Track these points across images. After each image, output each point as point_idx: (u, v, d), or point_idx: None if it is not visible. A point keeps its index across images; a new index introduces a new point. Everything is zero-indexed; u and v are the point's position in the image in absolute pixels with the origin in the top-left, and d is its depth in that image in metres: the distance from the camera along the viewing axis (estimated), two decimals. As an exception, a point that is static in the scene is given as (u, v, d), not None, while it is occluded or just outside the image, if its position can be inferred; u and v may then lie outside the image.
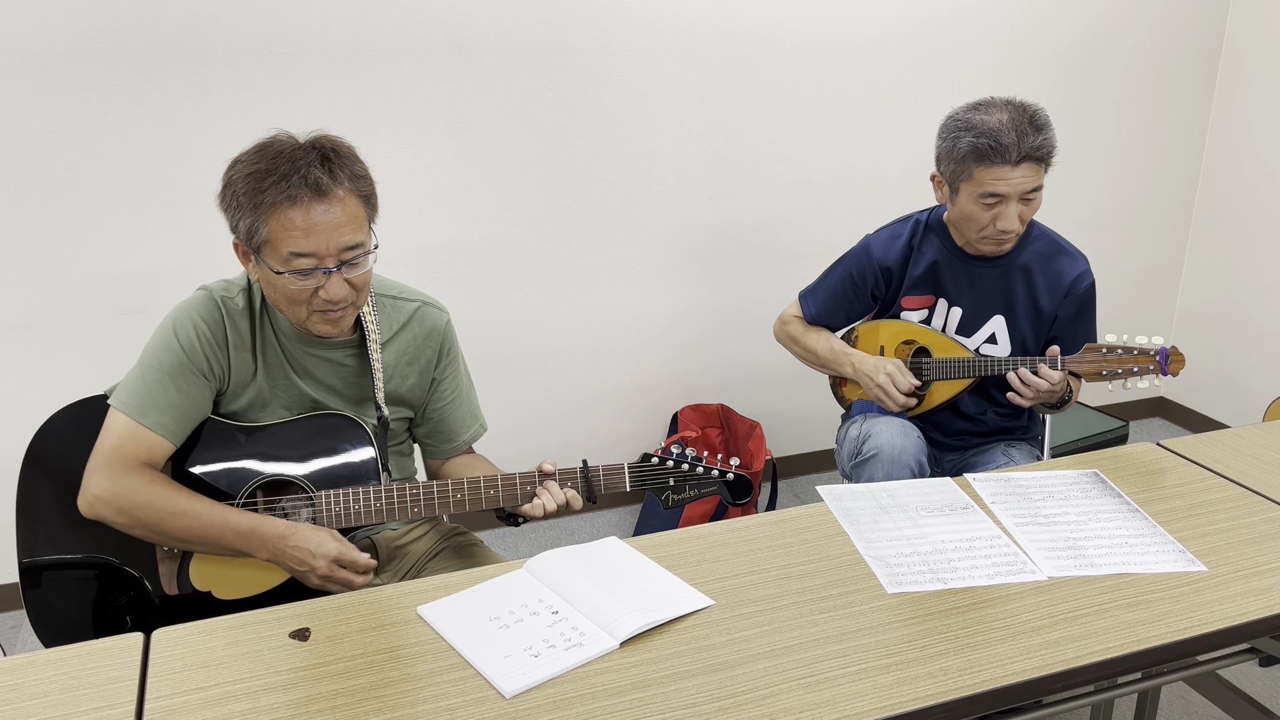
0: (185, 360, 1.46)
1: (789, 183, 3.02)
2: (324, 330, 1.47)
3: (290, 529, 1.42)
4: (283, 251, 1.37)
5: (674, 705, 1.08)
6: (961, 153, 1.81)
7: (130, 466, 1.41)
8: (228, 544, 1.42)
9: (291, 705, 1.08)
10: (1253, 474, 1.64)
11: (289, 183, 1.34)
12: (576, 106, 2.73)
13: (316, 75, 2.49)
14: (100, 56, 2.33)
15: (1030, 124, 1.78)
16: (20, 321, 2.44)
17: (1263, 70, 3.28)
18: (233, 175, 1.39)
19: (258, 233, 1.37)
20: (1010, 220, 1.83)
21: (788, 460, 3.33)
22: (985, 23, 3.06)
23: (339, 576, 1.42)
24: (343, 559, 1.42)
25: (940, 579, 1.33)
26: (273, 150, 1.37)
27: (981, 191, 1.82)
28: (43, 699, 1.09)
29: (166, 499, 1.40)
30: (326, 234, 1.37)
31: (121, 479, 1.40)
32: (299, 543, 1.41)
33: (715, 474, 1.54)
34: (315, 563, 1.41)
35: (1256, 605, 1.26)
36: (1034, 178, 1.80)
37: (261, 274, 1.43)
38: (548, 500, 1.48)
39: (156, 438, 1.44)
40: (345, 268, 1.41)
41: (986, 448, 2.09)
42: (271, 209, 1.35)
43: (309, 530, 1.42)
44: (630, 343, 3.02)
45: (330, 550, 1.41)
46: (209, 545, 1.43)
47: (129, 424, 1.43)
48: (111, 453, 1.42)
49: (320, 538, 1.42)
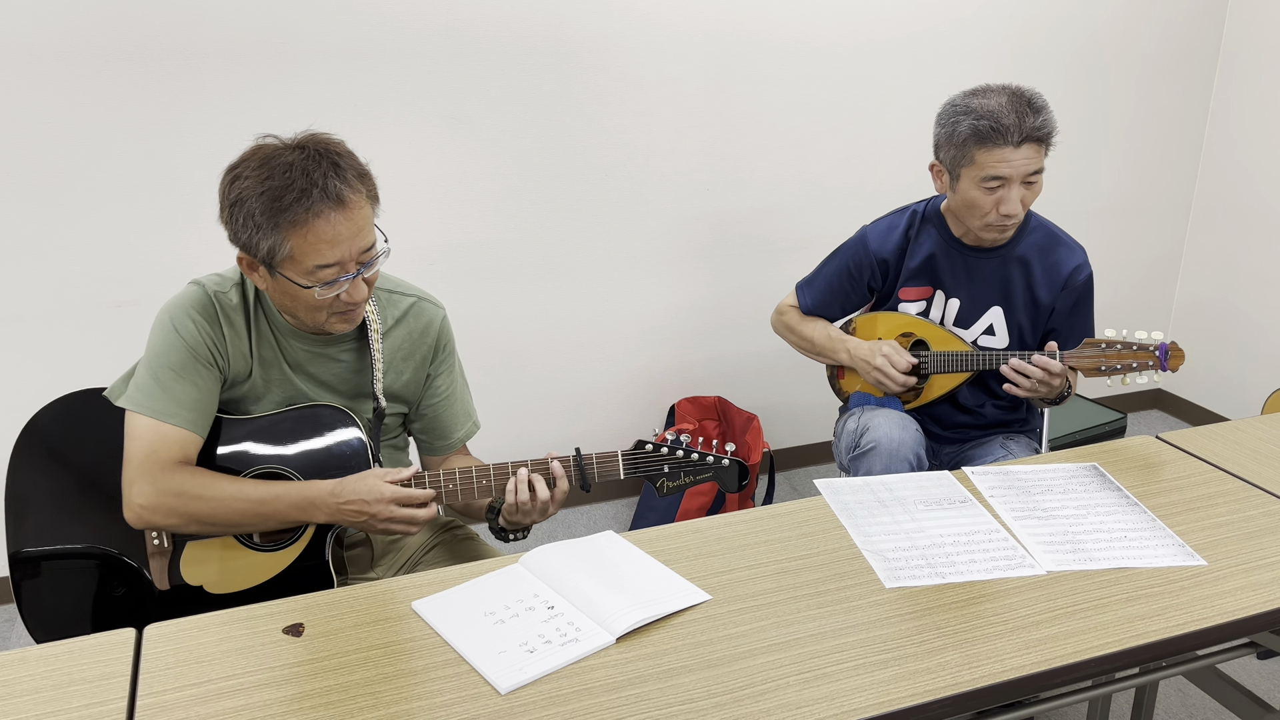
0: (191, 352, 1.45)
1: (787, 174, 3.00)
2: (340, 329, 1.47)
3: (338, 485, 1.42)
4: (308, 265, 1.36)
5: (670, 701, 1.07)
6: (962, 137, 1.80)
7: (167, 467, 1.41)
8: (283, 517, 1.42)
9: (285, 701, 1.08)
10: (1252, 467, 1.63)
11: (310, 198, 1.32)
12: (573, 99, 2.72)
13: (311, 69, 2.47)
14: (94, 49, 2.31)
15: (1029, 105, 1.77)
16: (13, 314, 2.43)
17: (1262, 62, 3.27)
18: (241, 194, 1.35)
19: (279, 250, 1.35)
20: (1013, 204, 1.81)
21: (785, 453, 3.32)
22: (983, 14, 3.04)
23: (400, 516, 1.42)
24: (398, 498, 1.42)
25: (938, 573, 1.32)
26: (278, 163, 1.34)
27: (984, 175, 1.80)
28: (34, 695, 1.09)
29: (213, 489, 1.40)
30: (349, 242, 1.37)
31: (164, 482, 1.40)
32: (351, 495, 1.41)
33: (710, 460, 1.52)
34: (374, 509, 1.41)
35: (1256, 599, 1.26)
36: (1035, 159, 1.79)
37: (278, 286, 1.41)
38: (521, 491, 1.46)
39: (185, 433, 1.43)
40: (364, 269, 1.41)
41: (985, 441, 2.08)
42: (294, 226, 1.33)
43: (357, 480, 1.42)
44: (627, 335, 3.01)
45: (385, 493, 1.41)
46: (266, 522, 1.43)
47: (155, 426, 1.42)
48: (147, 460, 1.41)
49: (370, 484, 1.41)
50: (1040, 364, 1.82)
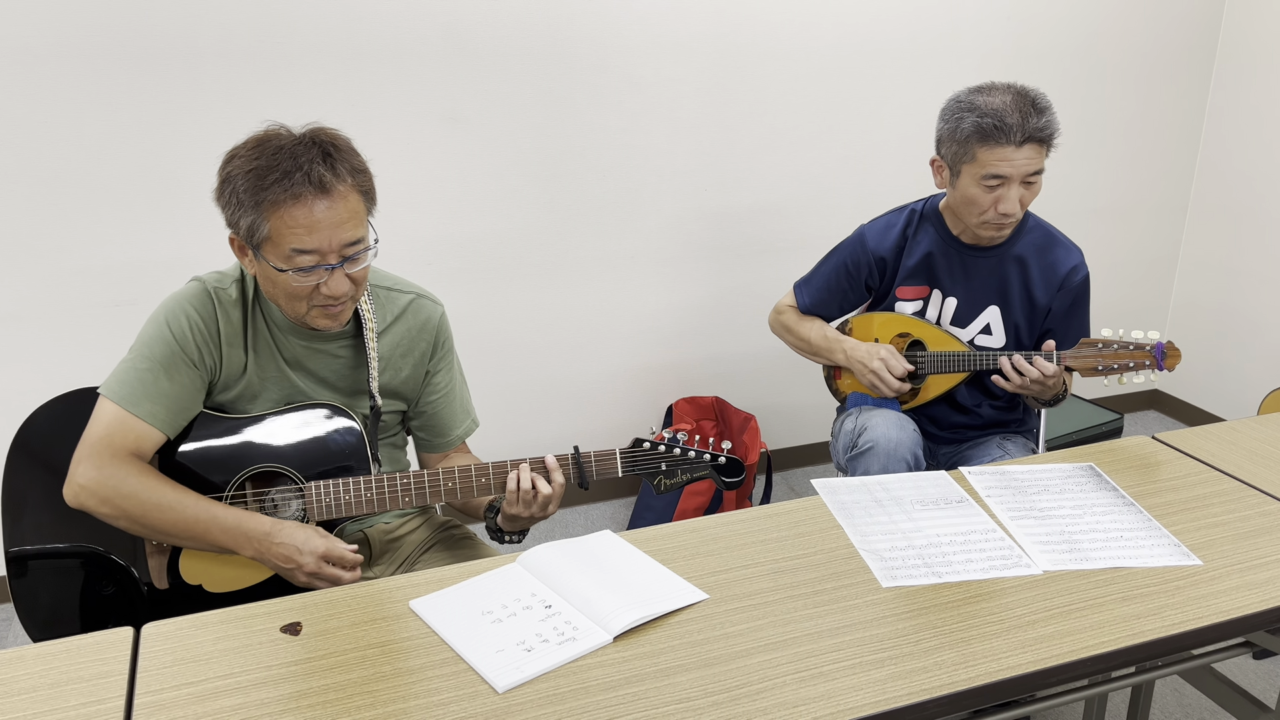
0: (177, 350, 1.44)
1: (784, 174, 3.01)
2: (323, 324, 1.46)
3: (276, 526, 1.40)
4: (285, 249, 1.36)
5: (667, 700, 1.08)
6: (964, 133, 1.81)
7: (118, 456, 1.40)
8: (212, 540, 1.41)
9: (282, 700, 1.08)
10: (1248, 467, 1.63)
11: (292, 180, 1.32)
12: (571, 98, 2.72)
13: (309, 68, 2.47)
14: (92, 48, 2.30)
15: (1033, 106, 1.79)
16: (10, 312, 2.43)
17: (1259, 61, 3.28)
18: (231, 171, 1.37)
19: (259, 230, 1.36)
20: (1011, 203, 1.82)
21: (782, 453, 3.33)
22: (981, 14, 3.05)
23: (326, 574, 1.41)
24: (330, 555, 1.41)
25: (935, 573, 1.32)
26: (271, 145, 1.35)
27: (984, 173, 1.81)
28: (31, 694, 1.08)
29: (153, 491, 1.39)
30: (329, 231, 1.36)
31: (109, 469, 1.39)
32: (285, 540, 1.40)
33: (706, 458, 1.53)
34: (302, 559, 1.40)
35: (1252, 599, 1.26)
36: (1036, 159, 1.80)
37: (261, 270, 1.41)
38: (523, 479, 1.46)
39: (146, 427, 1.42)
40: (346, 263, 1.40)
41: (981, 441, 2.08)
42: (274, 206, 1.34)
43: (295, 527, 1.41)
44: (625, 335, 3.01)
45: (317, 547, 1.40)
46: (194, 540, 1.42)
47: (119, 413, 1.42)
48: (99, 442, 1.40)
49: (306, 534, 1.41)
50: (1039, 366, 1.82)
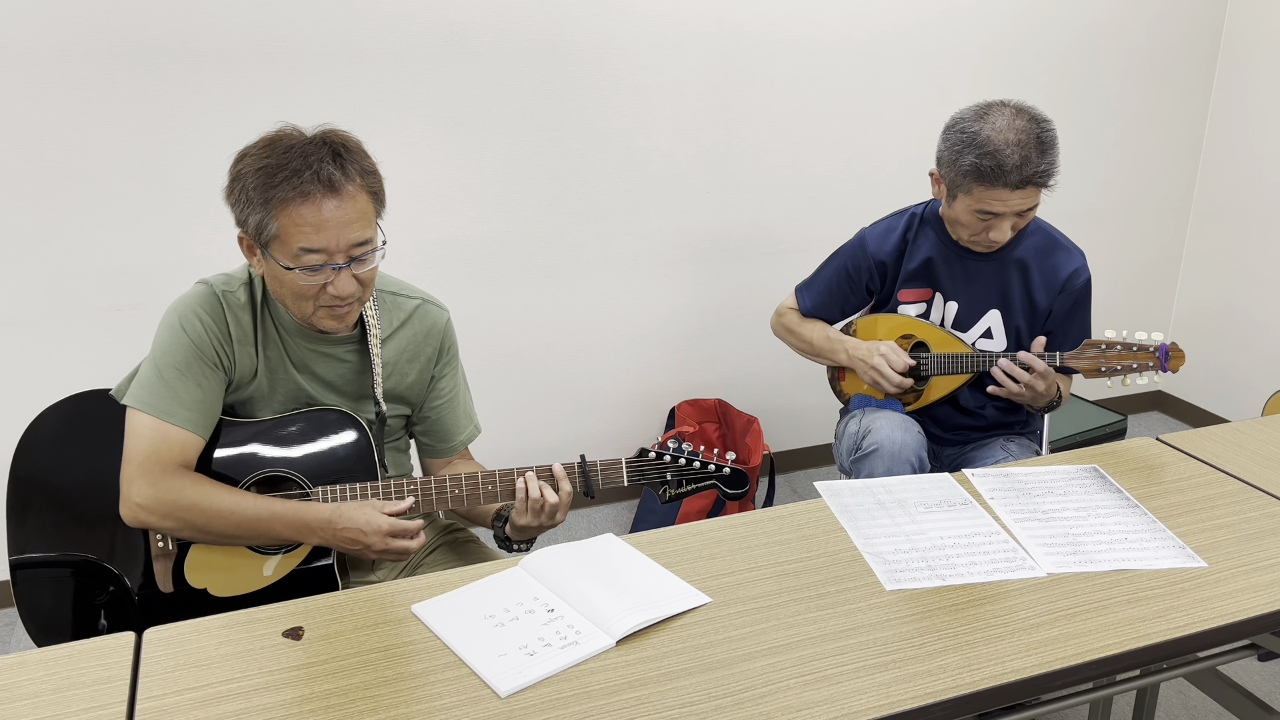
0: (197, 353, 1.45)
1: (786, 177, 3.00)
2: (329, 326, 1.46)
3: (335, 512, 1.43)
4: (293, 247, 1.36)
5: (670, 704, 1.07)
6: (963, 169, 1.80)
7: (168, 470, 1.41)
8: (277, 535, 1.43)
9: (284, 705, 1.07)
10: (1253, 469, 1.63)
11: (301, 178, 1.33)
12: (573, 101, 2.72)
13: (311, 70, 2.47)
14: (94, 51, 2.31)
15: (1036, 145, 1.75)
16: (13, 317, 2.43)
17: (1262, 63, 3.27)
18: (241, 169, 1.37)
19: (267, 228, 1.36)
20: (1003, 233, 1.84)
21: (785, 455, 3.32)
22: (983, 15, 3.04)
23: (395, 547, 1.44)
24: (394, 530, 1.43)
25: (939, 575, 1.32)
26: (282, 145, 1.36)
27: (978, 208, 1.82)
28: (34, 699, 1.08)
29: (212, 499, 1.40)
30: (337, 230, 1.36)
31: (164, 484, 1.40)
32: (348, 524, 1.42)
33: (711, 468, 1.54)
34: (369, 539, 1.42)
35: (1257, 601, 1.26)
36: (1031, 198, 1.80)
37: (268, 269, 1.42)
38: (531, 487, 1.47)
39: (187, 435, 1.43)
40: (354, 264, 1.40)
41: (985, 442, 2.08)
42: (282, 204, 1.34)
43: (354, 510, 1.43)
44: (627, 338, 3.01)
45: (381, 525, 1.42)
46: (258, 539, 1.44)
47: (157, 425, 1.42)
48: (147, 458, 1.40)
49: (367, 515, 1.43)
50: (1025, 361, 1.82)
